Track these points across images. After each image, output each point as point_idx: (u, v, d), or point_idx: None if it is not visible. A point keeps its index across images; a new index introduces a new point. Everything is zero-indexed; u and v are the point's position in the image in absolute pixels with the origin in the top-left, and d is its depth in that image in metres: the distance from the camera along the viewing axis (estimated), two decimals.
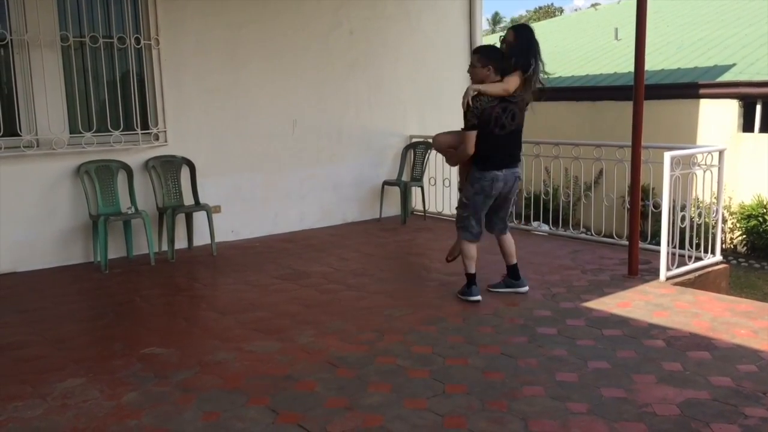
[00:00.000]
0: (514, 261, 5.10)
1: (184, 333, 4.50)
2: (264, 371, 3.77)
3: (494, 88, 4.63)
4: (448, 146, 4.95)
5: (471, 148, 4.69)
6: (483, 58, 4.71)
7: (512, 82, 4.62)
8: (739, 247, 10.36)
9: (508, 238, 5.08)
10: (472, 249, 4.93)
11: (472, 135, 4.66)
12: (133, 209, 6.29)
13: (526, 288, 5.12)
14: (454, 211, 8.09)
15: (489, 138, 4.68)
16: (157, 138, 6.61)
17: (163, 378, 3.70)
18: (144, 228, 6.19)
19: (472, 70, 4.76)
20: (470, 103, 4.60)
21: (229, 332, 4.42)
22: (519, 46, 4.68)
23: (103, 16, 6.26)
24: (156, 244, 6.49)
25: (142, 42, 6.44)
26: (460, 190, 5.17)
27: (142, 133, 6.50)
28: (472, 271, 4.94)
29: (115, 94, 6.40)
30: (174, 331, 4.54)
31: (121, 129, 6.38)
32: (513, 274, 5.12)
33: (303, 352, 4.05)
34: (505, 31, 4.86)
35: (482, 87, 4.63)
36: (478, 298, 4.90)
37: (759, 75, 10.64)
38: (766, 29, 12.63)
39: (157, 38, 6.48)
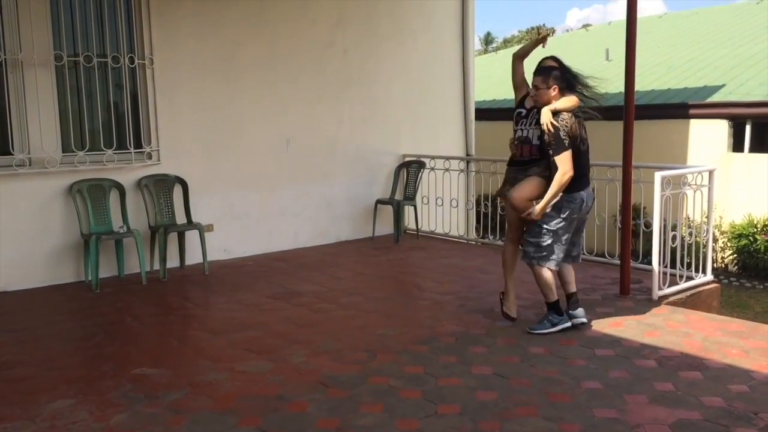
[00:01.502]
0: (574, 289, 4.81)
1: (175, 353, 4.48)
2: (256, 392, 3.75)
3: (568, 102, 4.49)
4: (530, 199, 4.60)
5: (572, 170, 4.42)
6: (547, 79, 4.53)
7: (574, 97, 4.54)
8: (730, 267, 10.40)
9: (571, 266, 4.86)
10: (553, 277, 4.68)
11: (569, 155, 4.42)
12: (125, 228, 6.27)
13: (584, 319, 4.76)
14: (446, 230, 8.17)
15: (578, 156, 4.50)
16: (150, 157, 6.61)
17: (153, 399, 3.67)
18: (136, 247, 6.17)
19: (537, 92, 4.54)
20: (555, 123, 4.42)
21: (221, 352, 4.40)
22: (560, 69, 4.62)
23: (97, 36, 6.28)
24: (147, 263, 6.47)
25: (137, 61, 6.46)
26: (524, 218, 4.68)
27: (135, 152, 6.51)
28: (556, 297, 4.69)
29: (109, 112, 6.41)
30: (165, 351, 4.51)
31: (114, 148, 6.38)
32: (572, 305, 4.78)
33: (295, 372, 4.03)
34: (540, 61, 4.69)
35: (558, 105, 4.47)
36: (570, 323, 4.68)
37: (749, 96, 10.75)
38: (756, 50, 12.79)
39: (152, 57, 6.50)
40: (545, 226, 4.57)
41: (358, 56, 8.07)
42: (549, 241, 4.58)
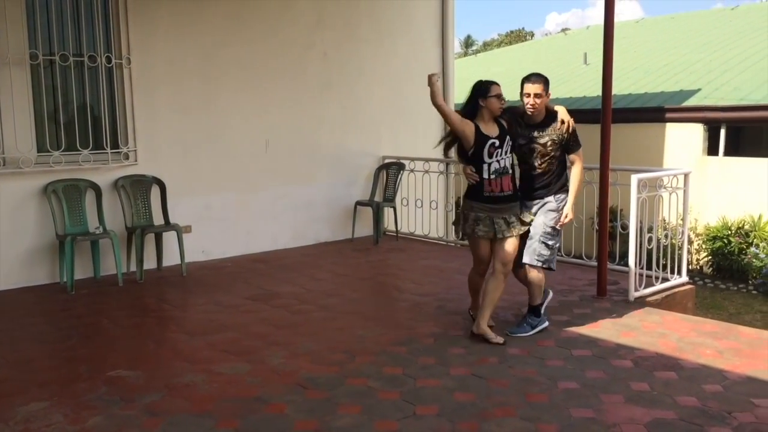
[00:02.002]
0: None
1: (152, 355, 4.43)
2: (233, 394, 3.73)
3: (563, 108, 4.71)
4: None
5: None
6: (547, 85, 4.63)
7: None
8: (705, 268, 10.55)
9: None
10: None
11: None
12: (101, 229, 6.20)
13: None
14: (426, 232, 8.20)
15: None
16: (127, 157, 6.55)
17: (129, 401, 3.63)
18: (112, 248, 6.10)
19: (538, 100, 4.52)
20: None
21: (198, 354, 4.37)
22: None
23: (73, 35, 6.21)
24: (124, 264, 6.40)
25: (113, 61, 6.40)
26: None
27: (111, 152, 6.44)
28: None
29: (85, 112, 6.34)
30: (141, 353, 4.46)
31: (90, 148, 6.31)
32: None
33: (273, 373, 4.02)
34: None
35: (560, 107, 4.70)
36: (547, 322, 4.76)
37: (723, 100, 10.91)
38: (730, 55, 13.00)
39: (129, 57, 6.44)
40: (556, 226, 4.62)
41: (338, 58, 8.07)
42: (558, 243, 4.73)
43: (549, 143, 4.57)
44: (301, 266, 6.87)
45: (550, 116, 4.62)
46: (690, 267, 9.73)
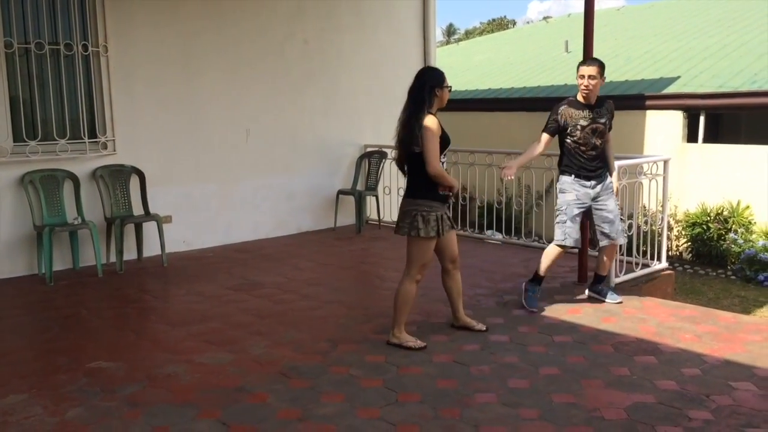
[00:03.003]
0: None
1: (133, 346, 4.40)
2: (215, 383, 3.71)
3: None
4: None
5: None
6: (601, 70, 4.77)
7: None
8: (684, 254, 10.65)
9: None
10: None
11: None
12: (79, 219, 6.13)
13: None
14: None
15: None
16: (105, 147, 6.47)
17: (109, 392, 3.61)
18: (91, 239, 6.03)
19: (594, 82, 4.75)
20: None
21: (180, 344, 4.34)
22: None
23: (49, 23, 6.11)
24: (104, 255, 6.34)
25: (90, 49, 6.30)
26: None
27: (89, 142, 6.36)
28: None
29: (62, 101, 6.24)
30: (122, 344, 4.43)
31: (67, 138, 6.23)
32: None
33: (255, 363, 4.00)
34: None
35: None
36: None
37: (702, 87, 10.98)
38: (709, 43, 13.08)
39: (106, 45, 6.35)
40: None
41: (319, 47, 8.01)
42: None
43: (607, 123, 4.87)
44: (284, 256, 6.85)
45: (600, 99, 4.90)
46: (670, 253, 9.83)
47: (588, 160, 4.86)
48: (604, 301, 5.06)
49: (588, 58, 4.87)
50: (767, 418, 3.22)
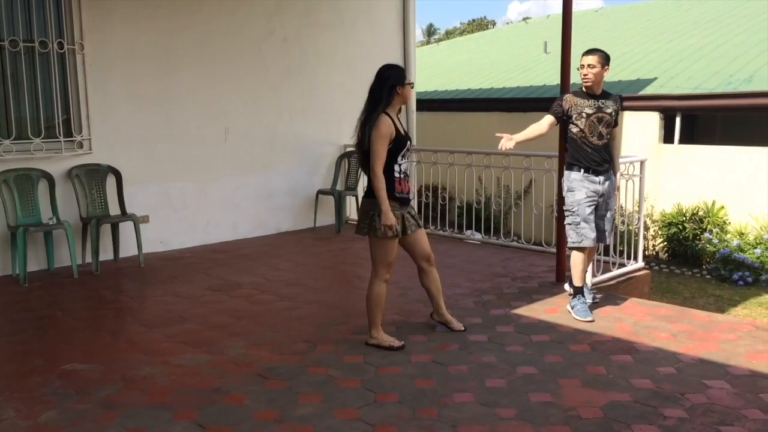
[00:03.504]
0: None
1: (108, 347, 4.34)
2: (192, 385, 3.68)
3: None
4: None
5: None
6: (602, 61, 4.71)
7: None
8: (660, 254, 10.77)
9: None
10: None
11: None
12: (54, 220, 6.05)
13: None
14: None
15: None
16: (81, 146, 6.38)
17: (84, 395, 3.56)
18: (66, 239, 5.95)
19: (597, 71, 4.70)
20: None
21: (156, 346, 4.30)
22: None
23: (24, 20, 6.02)
24: (79, 255, 6.26)
25: (66, 47, 6.22)
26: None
27: (65, 141, 6.27)
28: None
29: (36, 100, 6.15)
30: (97, 345, 4.37)
31: (42, 136, 6.14)
32: None
33: (233, 364, 3.98)
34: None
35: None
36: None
37: (678, 89, 11.12)
38: (686, 45, 13.24)
39: (82, 43, 6.27)
40: None
41: (298, 45, 7.98)
42: None
43: (613, 113, 4.80)
44: (262, 256, 6.81)
45: (606, 92, 4.87)
46: (646, 253, 9.94)
47: (595, 150, 4.74)
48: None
49: (591, 48, 4.80)
50: (740, 416, 3.27)
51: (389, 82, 4.05)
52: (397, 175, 4.11)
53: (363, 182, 8.19)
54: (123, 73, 6.57)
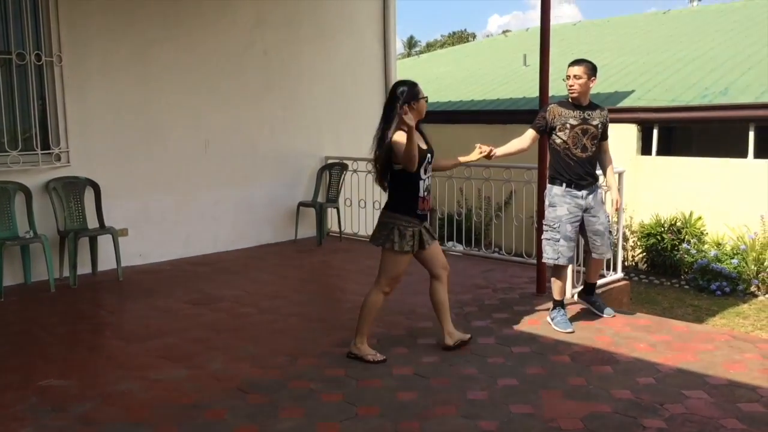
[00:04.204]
0: None
1: (86, 363, 4.29)
2: (171, 400, 3.64)
3: None
4: None
5: None
6: (589, 72, 4.69)
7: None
8: (640, 264, 10.87)
9: None
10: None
11: None
12: (31, 233, 5.97)
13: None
14: (370, 232, 8.16)
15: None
16: (58, 158, 6.32)
17: (61, 411, 3.51)
18: (44, 253, 5.88)
19: (584, 81, 4.68)
20: None
21: (135, 361, 4.25)
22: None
23: (1, 32, 5.96)
24: (56, 269, 6.18)
25: (44, 59, 6.17)
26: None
27: (42, 154, 6.21)
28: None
29: (13, 112, 6.09)
30: (75, 361, 4.31)
31: (19, 149, 6.08)
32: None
33: (213, 379, 3.94)
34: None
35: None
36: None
37: (656, 101, 11.28)
38: (662, 58, 13.45)
39: (60, 55, 6.22)
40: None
41: (279, 58, 7.99)
42: None
43: (599, 125, 4.76)
44: (243, 268, 6.77)
45: (594, 104, 4.83)
46: (625, 263, 10.03)
47: (578, 163, 4.67)
48: (599, 315, 5.01)
49: (577, 59, 4.78)
50: (719, 425, 3.30)
51: (402, 99, 4.00)
52: (421, 194, 4.12)
53: (344, 194, 8.23)
54: (102, 85, 6.53)
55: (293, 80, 8.16)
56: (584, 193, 4.73)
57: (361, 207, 8.22)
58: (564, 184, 4.72)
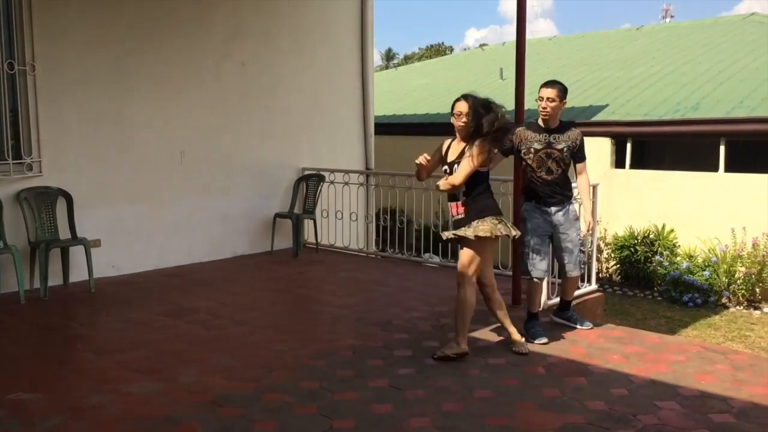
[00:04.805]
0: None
1: (56, 376, 4.21)
2: (142, 414, 3.58)
3: None
4: None
5: None
6: (560, 94, 4.77)
7: None
8: (614, 276, 11.00)
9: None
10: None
11: None
12: (1, 244, 5.87)
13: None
14: (346, 243, 8.20)
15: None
16: (30, 168, 6.23)
17: (29, 426, 3.43)
18: (14, 264, 5.77)
19: (556, 104, 4.76)
20: None
21: (106, 374, 4.18)
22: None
23: None
24: (27, 281, 6.07)
25: (16, 67, 6.09)
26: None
27: (13, 163, 6.11)
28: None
29: None
30: (44, 374, 4.23)
31: None
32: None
33: (186, 392, 3.89)
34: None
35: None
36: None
37: (629, 115, 11.46)
38: (635, 73, 13.68)
39: (33, 64, 6.15)
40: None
41: (256, 68, 7.97)
42: None
43: (565, 149, 4.79)
44: (218, 280, 6.71)
45: (565, 125, 4.87)
46: (600, 275, 10.14)
47: (542, 185, 4.79)
48: (575, 328, 5.04)
49: (549, 80, 4.85)
50: None
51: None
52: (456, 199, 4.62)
53: (320, 205, 8.21)
54: (76, 95, 6.45)
55: (270, 91, 8.15)
56: (553, 209, 4.84)
57: (338, 218, 8.21)
58: (533, 200, 4.89)
